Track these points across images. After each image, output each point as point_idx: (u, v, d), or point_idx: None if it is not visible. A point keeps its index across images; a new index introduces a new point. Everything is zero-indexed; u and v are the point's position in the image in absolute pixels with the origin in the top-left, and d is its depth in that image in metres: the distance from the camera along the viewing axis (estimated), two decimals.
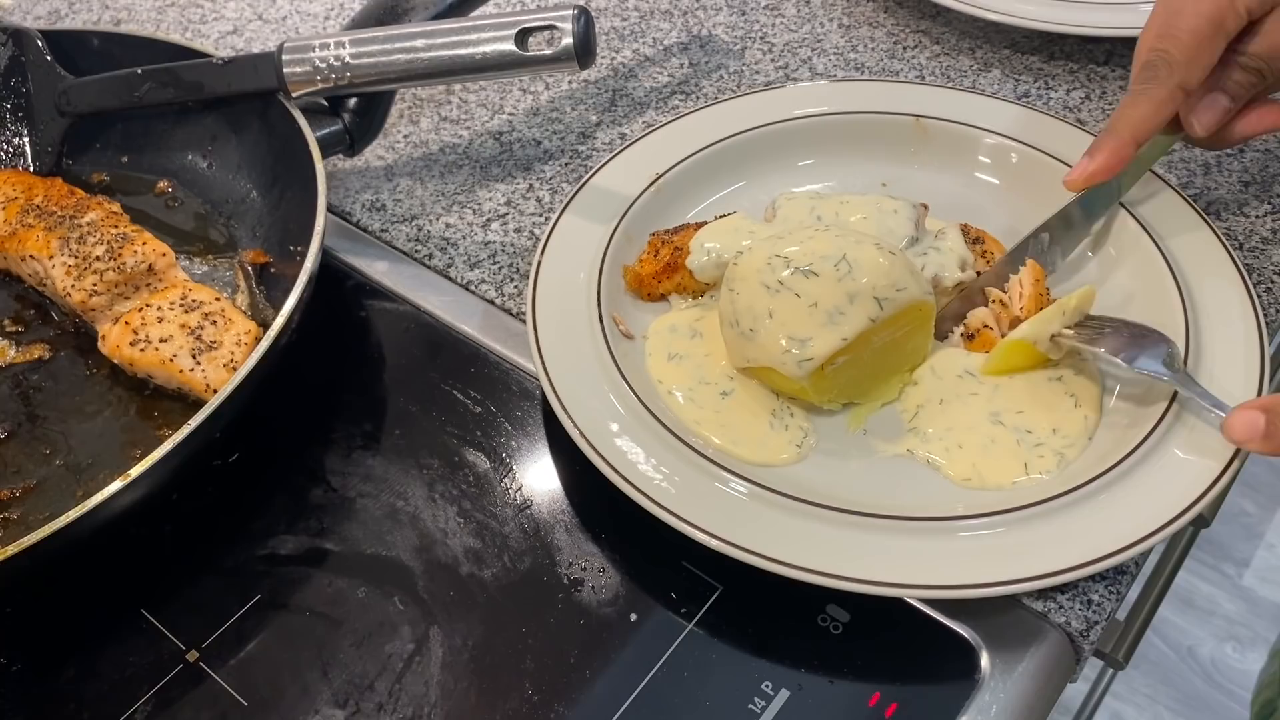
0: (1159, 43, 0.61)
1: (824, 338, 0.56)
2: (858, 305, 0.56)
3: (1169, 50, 0.60)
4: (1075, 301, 0.59)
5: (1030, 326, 0.59)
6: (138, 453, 0.62)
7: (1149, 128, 0.62)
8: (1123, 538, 0.52)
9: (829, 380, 0.58)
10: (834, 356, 0.57)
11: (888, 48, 0.88)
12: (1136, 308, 0.64)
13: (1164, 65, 0.60)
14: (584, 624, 0.54)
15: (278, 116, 0.72)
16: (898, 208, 0.65)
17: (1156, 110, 0.61)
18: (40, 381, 0.67)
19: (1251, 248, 0.70)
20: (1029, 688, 0.51)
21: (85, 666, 0.55)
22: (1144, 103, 0.61)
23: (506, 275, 0.72)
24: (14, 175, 0.76)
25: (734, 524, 0.54)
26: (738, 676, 0.52)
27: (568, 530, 0.58)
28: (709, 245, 0.66)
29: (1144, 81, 0.61)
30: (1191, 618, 1.67)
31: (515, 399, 0.65)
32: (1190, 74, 0.61)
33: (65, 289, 0.67)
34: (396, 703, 0.52)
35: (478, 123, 0.84)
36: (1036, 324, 0.59)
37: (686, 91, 0.85)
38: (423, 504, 0.60)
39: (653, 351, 0.64)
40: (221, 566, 0.58)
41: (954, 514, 0.54)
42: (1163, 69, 0.60)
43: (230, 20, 0.98)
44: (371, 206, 0.78)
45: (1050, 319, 0.59)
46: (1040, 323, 0.59)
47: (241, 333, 0.64)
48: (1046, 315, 0.59)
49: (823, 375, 0.57)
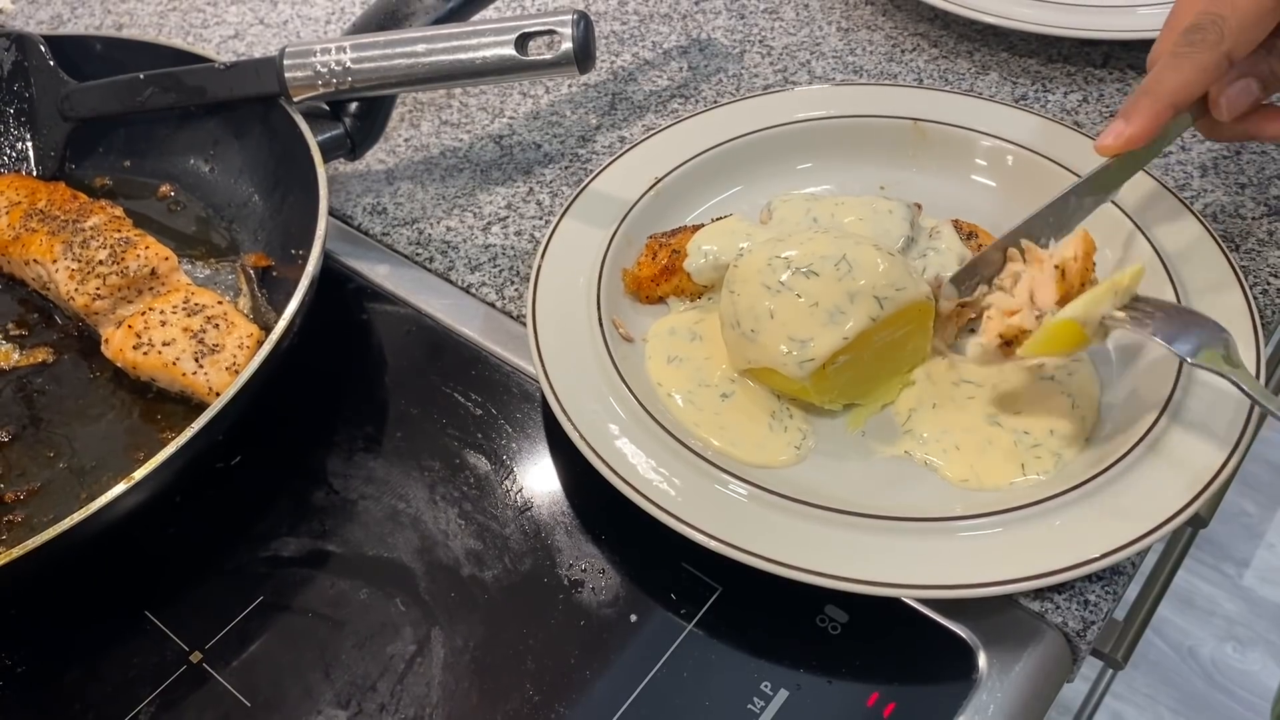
0: (1214, 6, 0.57)
1: (825, 337, 0.57)
2: (858, 304, 0.57)
3: (1225, 15, 0.57)
4: (1127, 280, 0.54)
5: (1081, 306, 0.54)
6: (141, 455, 0.62)
7: (1189, 94, 0.59)
8: (1119, 538, 0.52)
9: (830, 380, 0.58)
10: (835, 356, 0.57)
11: (886, 51, 0.88)
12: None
13: (1215, 29, 0.57)
14: (584, 625, 0.55)
15: (279, 121, 0.72)
16: (892, 208, 0.66)
17: (1199, 75, 0.58)
18: (44, 385, 0.68)
19: (1248, 250, 0.70)
20: (1026, 687, 0.52)
21: (89, 668, 0.55)
22: (1188, 66, 0.58)
23: (507, 278, 0.72)
24: (17, 180, 0.76)
25: (733, 525, 0.54)
26: (737, 677, 0.52)
27: (568, 532, 0.59)
28: (706, 248, 0.66)
29: (1189, 45, 0.58)
30: (1192, 618, 1.67)
31: (516, 401, 0.65)
32: (1241, 43, 0.57)
33: (69, 293, 0.67)
34: (398, 703, 0.53)
35: (478, 126, 0.85)
36: (1088, 304, 0.54)
37: (686, 95, 0.86)
38: (424, 506, 0.60)
39: (652, 354, 0.65)
40: (224, 568, 0.59)
41: (952, 514, 0.54)
42: (1213, 33, 0.57)
43: (232, 25, 0.98)
44: (372, 210, 0.79)
45: (1102, 299, 0.54)
46: (1092, 303, 0.54)
47: (244, 336, 0.65)
48: (1098, 295, 0.54)
49: (824, 375, 0.58)
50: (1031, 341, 0.55)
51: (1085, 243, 0.57)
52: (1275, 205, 0.73)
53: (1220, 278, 0.64)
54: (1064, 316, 0.54)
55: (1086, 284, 0.57)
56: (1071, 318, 0.54)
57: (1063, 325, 0.54)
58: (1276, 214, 0.72)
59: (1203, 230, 0.66)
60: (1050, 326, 0.55)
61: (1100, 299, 0.54)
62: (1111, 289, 0.54)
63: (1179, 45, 0.58)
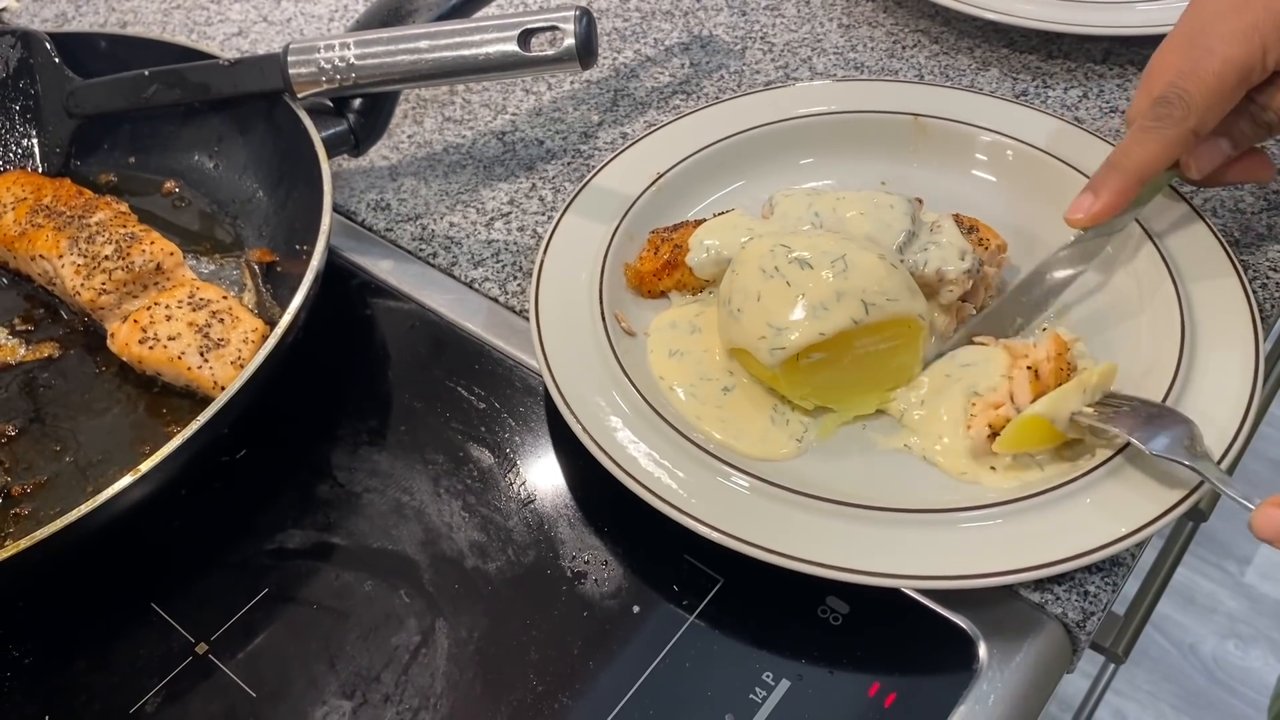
0: (1181, 80, 0.58)
1: (801, 329, 0.57)
2: (843, 304, 0.57)
3: (1190, 92, 0.58)
4: (1096, 379, 0.56)
5: (1049, 404, 0.56)
6: (147, 449, 0.63)
7: (1155, 167, 0.60)
8: (1119, 529, 0.53)
9: (802, 375, 0.58)
10: (808, 351, 0.57)
11: (887, 47, 0.89)
12: (1132, 304, 0.64)
13: (1181, 105, 0.58)
14: (587, 616, 0.55)
15: (283, 117, 0.73)
16: (894, 203, 0.66)
17: (1166, 150, 0.60)
18: (50, 379, 0.68)
19: (1247, 244, 0.70)
20: (1026, 678, 0.52)
21: (96, 659, 0.55)
22: (1155, 142, 0.59)
23: (510, 273, 0.73)
24: (23, 176, 0.76)
25: (735, 517, 0.54)
26: (739, 667, 0.53)
27: (571, 524, 0.59)
28: (708, 242, 0.67)
29: (1157, 119, 0.59)
30: (1193, 615, 1.67)
31: (519, 395, 0.66)
32: (1207, 120, 0.59)
33: (74, 288, 0.68)
34: (403, 694, 0.53)
35: (481, 123, 0.85)
36: (1056, 401, 0.56)
37: (688, 91, 0.86)
38: (428, 499, 0.61)
39: (654, 348, 0.65)
40: (230, 561, 0.59)
41: (952, 506, 0.55)
42: (1179, 109, 0.58)
43: (235, 22, 0.98)
44: (376, 206, 0.79)
45: (1069, 396, 0.56)
46: (1060, 400, 0.56)
47: (249, 330, 0.65)
48: (1066, 392, 0.56)
49: (796, 368, 0.58)
50: (1005, 436, 0.56)
51: (1056, 344, 0.59)
52: (1274, 199, 0.73)
53: (1220, 272, 0.64)
54: (1031, 413, 0.56)
55: (1062, 382, 0.58)
56: (1039, 414, 0.56)
57: (1031, 421, 0.56)
58: (1275, 208, 0.72)
59: (1202, 225, 0.66)
60: (1020, 422, 0.56)
61: (1067, 396, 0.56)
62: (1079, 386, 0.56)
63: (1147, 119, 0.60)
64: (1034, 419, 0.56)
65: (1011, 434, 0.56)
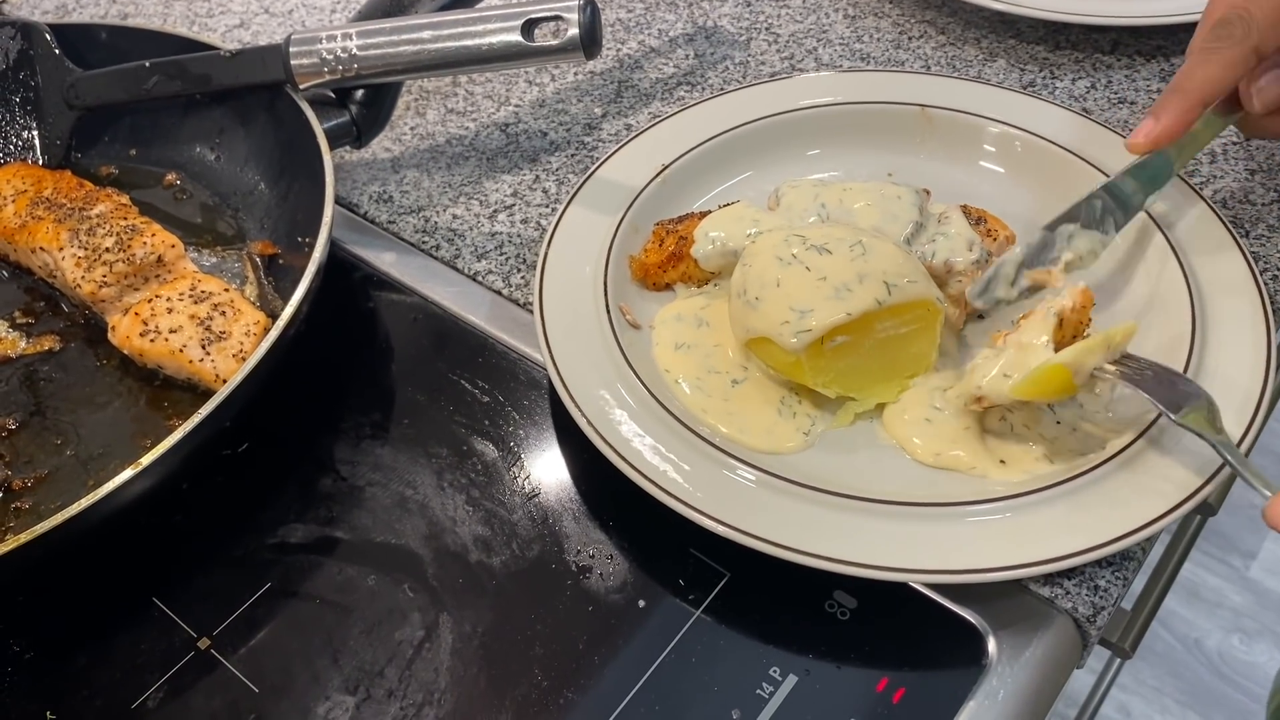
0: (1242, 1, 0.58)
1: (826, 310, 0.56)
2: (866, 285, 0.56)
3: (1251, 11, 0.58)
4: (1120, 336, 0.55)
5: (1074, 354, 0.54)
6: (148, 442, 0.62)
7: (1217, 89, 0.59)
8: (1129, 523, 0.52)
9: (826, 360, 0.58)
10: (833, 333, 0.57)
11: (893, 38, 0.88)
12: (1143, 294, 0.64)
13: (1242, 25, 0.58)
14: (592, 611, 0.55)
15: (285, 109, 0.72)
16: (901, 194, 0.65)
17: (1227, 70, 0.59)
18: (51, 373, 0.68)
19: (1258, 235, 0.70)
20: (1036, 673, 0.52)
21: (98, 654, 0.55)
22: (1215, 62, 0.59)
23: (513, 266, 0.72)
24: (23, 168, 0.76)
25: (741, 511, 0.54)
26: (746, 662, 0.52)
27: (575, 518, 0.59)
28: (714, 234, 0.66)
29: (1216, 40, 0.58)
30: (1198, 610, 1.67)
31: (523, 388, 0.65)
32: (1269, 38, 0.58)
33: (75, 280, 0.67)
34: (407, 689, 0.53)
35: (484, 114, 0.85)
36: (1080, 353, 0.55)
37: (692, 83, 0.86)
38: (431, 492, 0.60)
39: (659, 341, 0.64)
40: (232, 555, 0.59)
41: (960, 499, 0.54)
42: (1239, 29, 0.58)
43: (237, 14, 0.98)
44: (379, 198, 0.78)
45: (1094, 350, 0.55)
46: (1085, 353, 0.55)
47: (250, 323, 0.65)
48: (1091, 345, 0.55)
49: (820, 352, 0.57)
50: (1021, 383, 0.55)
51: (1084, 296, 0.58)
52: None
53: (1231, 264, 0.63)
54: (1056, 361, 0.55)
55: (1080, 336, 0.58)
56: (1063, 363, 0.54)
57: (1053, 370, 0.55)
58: None
59: (1213, 216, 0.66)
60: (1041, 370, 0.55)
61: (1093, 349, 0.55)
62: (1105, 341, 0.55)
63: (1207, 41, 0.59)
64: (1057, 368, 0.54)
65: (1030, 380, 0.55)
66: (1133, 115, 0.79)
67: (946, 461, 0.58)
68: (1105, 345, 0.55)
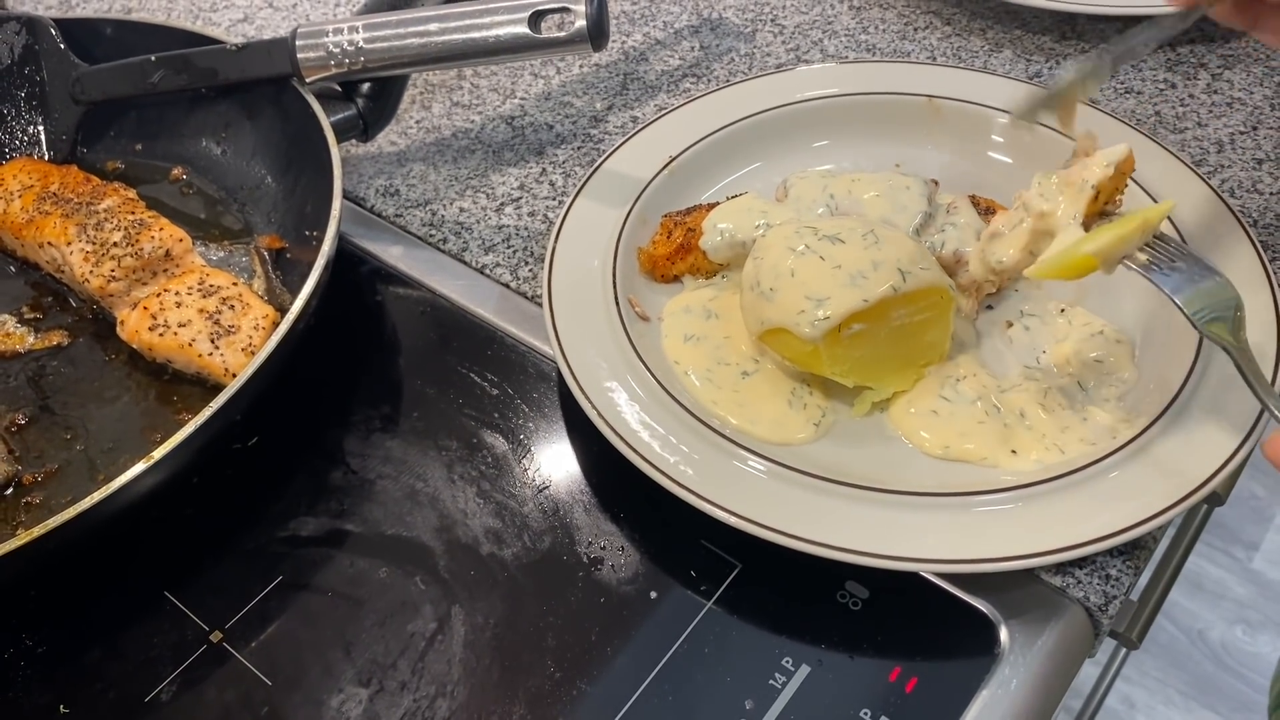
0: None
1: (843, 297, 0.56)
2: (881, 272, 0.56)
3: None
4: (1155, 218, 0.50)
5: (1107, 243, 0.50)
6: (158, 437, 0.62)
7: None
8: (1141, 512, 0.52)
9: (843, 349, 0.58)
10: (850, 321, 0.57)
11: (899, 29, 0.88)
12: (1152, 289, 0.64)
13: None
14: (604, 602, 0.55)
15: (292, 102, 0.72)
16: (910, 184, 0.66)
17: None
18: (59, 367, 0.68)
19: (1266, 224, 0.70)
20: (1048, 662, 0.52)
21: (110, 648, 0.55)
22: None
23: (521, 259, 0.72)
24: (30, 163, 0.76)
25: (752, 502, 0.54)
26: (758, 653, 0.52)
27: (586, 510, 0.59)
28: (722, 226, 0.66)
29: None
30: (1201, 601, 1.67)
31: (532, 381, 0.65)
32: None
33: (83, 275, 0.67)
34: (419, 681, 0.53)
35: (489, 107, 0.85)
36: (1114, 242, 0.50)
37: (698, 74, 0.86)
38: (442, 485, 0.60)
39: (669, 333, 0.64)
40: (243, 548, 0.59)
41: (972, 489, 0.54)
42: None
43: (240, 8, 0.98)
44: (385, 192, 0.78)
45: (1130, 239, 0.50)
46: (1119, 241, 0.50)
47: (259, 317, 0.65)
48: (1127, 234, 0.50)
49: (838, 340, 0.57)
50: (1044, 265, 0.53)
51: (1128, 162, 0.53)
52: None
53: (1240, 253, 0.63)
54: (1086, 252, 0.51)
55: (1111, 205, 0.53)
56: (1093, 254, 0.51)
57: (1082, 261, 0.51)
58: None
59: (1221, 206, 0.66)
60: (1069, 256, 0.51)
61: (1128, 238, 0.51)
62: (1141, 227, 0.51)
63: None
64: (1086, 259, 0.51)
65: (1053, 263, 0.52)
66: (1139, 105, 0.79)
67: (956, 454, 0.58)
68: (1141, 231, 0.51)
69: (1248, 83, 0.80)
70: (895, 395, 0.60)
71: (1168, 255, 0.51)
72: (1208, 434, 0.55)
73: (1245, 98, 0.79)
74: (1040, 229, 0.56)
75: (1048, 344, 0.62)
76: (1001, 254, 0.56)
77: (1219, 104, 0.79)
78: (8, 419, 0.64)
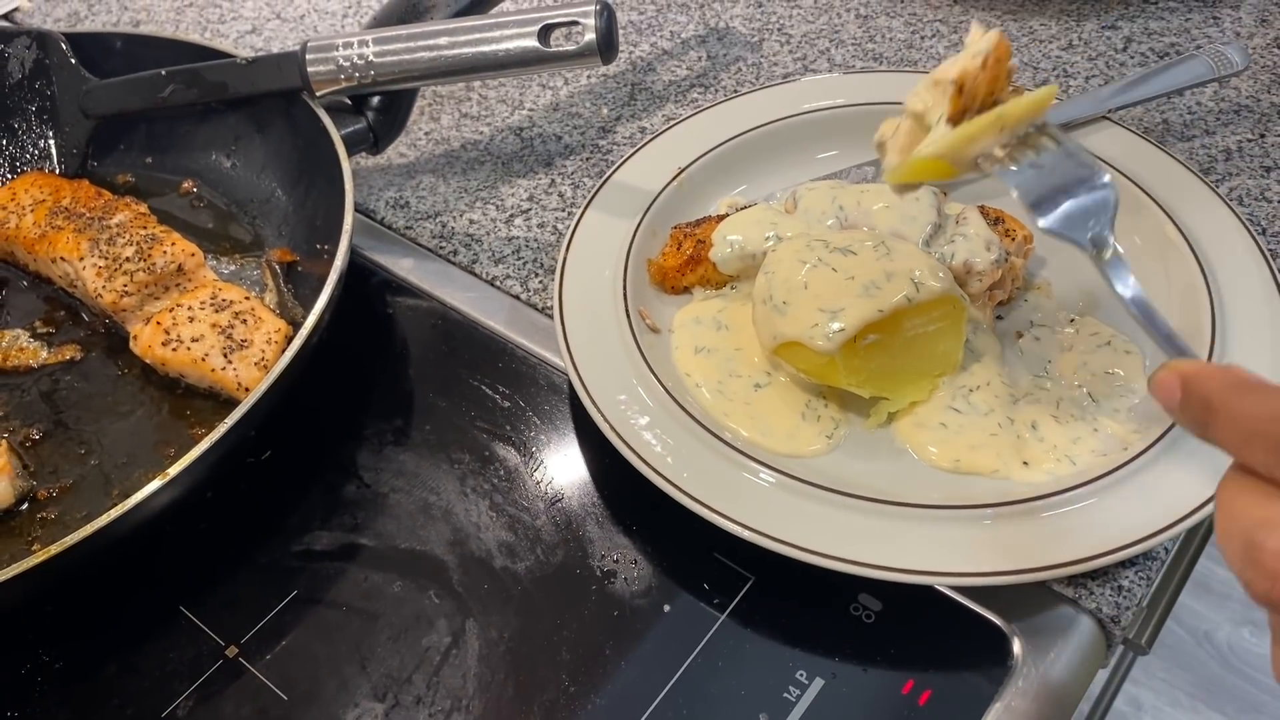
0: None
1: (858, 308, 0.56)
2: (895, 282, 0.56)
3: None
4: (1019, 112, 0.46)
5: (951, 142, 0.46)
6: (171, 452, 0.63)
7: None
8: (1152, 524, 0.52)
9: (859, 360, 0.58)
10: (865, 331, 0.57)
11: (905, 38, 0.88)
12: (1161, 293, 0.64)
13: None
14: (618, 615, 0.55)
15: (302, 115, 0.72)
16: (919, 195, 0.66)
17: None
18: (73, 382, 0.68)
19: (1275, 233, 0.70)
20: (1062, 674, 0.52)
21: (126, 663, 0.55)
22: None
23: (531, 270, 0.72)
24: (41, 178, 0.76)
25: (765, 514, 0.54)
26: (772, 666, 0.52)
27: (599, 523, 0.59)
28: (731, 237, 0.66)
29: None
30: (1208, 602, 1.67)
31: (543, 393, 0.65)
32: None
33: (96, 290, 0.68)
34: (435, 695, 0.53)
35: (498, 119, 0.85)
36: (960, 140, 0.46)
37: (705, 84, 0.86)
38: (455, 498, 0.60)
39: (679, 344, 0.65)
40: (258, 563, 0.59)
41: (984, 501, 0.54)
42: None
43: (249, 20, 0.98)
44: (395, 204, 0.79)
45: (981, 134, 0.46)
46: (964, 140, 0.46)
47: (272, 331, 0.65)
48: (974, 131, 0.46)
49: (854, 351, 0.57)
50: (898, 168, 0.49)
51: (1000, 48, 0.48)
52: None
53: (1249, 261, 0.63)
54: (925, 153, 0.47)
55: (999, 92, 0.48)
56: (936, 155, 0.47)
57: (927, 164, 0.48)
58: None
59: (1230, 214, 0.66)
60: (917, 159, 0.48)
61: (976, 135, 0.46)
62: (996, 122, 0.46)
63: None
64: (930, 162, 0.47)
65: (908, 167, 0.49)
66: (1146, 114, 0.79)
67: (966, 467, 0.58)
68: (996, 127, 0.46)
69: (1255, 90, 0.80)
70: (910, 406, 0.60)
71: (1036, 147, 0.46)
72: None
73: (1253, 105, 0.79)
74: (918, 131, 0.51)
75: (1056, 354, 0.62)
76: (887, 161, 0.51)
77: (1226, 111, 0.79)
78: (22, 434, 0.65)
